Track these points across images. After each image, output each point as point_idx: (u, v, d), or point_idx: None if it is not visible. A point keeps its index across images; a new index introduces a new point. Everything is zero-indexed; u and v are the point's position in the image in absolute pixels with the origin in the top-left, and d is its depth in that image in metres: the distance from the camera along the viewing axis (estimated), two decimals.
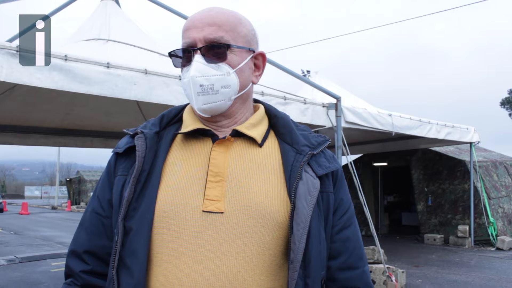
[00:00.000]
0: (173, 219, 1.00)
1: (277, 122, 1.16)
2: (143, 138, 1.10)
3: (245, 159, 1.08)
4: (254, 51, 1.14)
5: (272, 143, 1.13)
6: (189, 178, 1.05)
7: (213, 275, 0.96)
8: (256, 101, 1.24)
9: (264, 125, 1.16)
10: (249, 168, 1.06)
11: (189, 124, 1.12)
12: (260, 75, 1.18)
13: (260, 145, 1.11)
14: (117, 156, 1.15)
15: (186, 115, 1.16)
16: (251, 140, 1.10)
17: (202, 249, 0.98)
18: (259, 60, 1.17)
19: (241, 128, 1.10)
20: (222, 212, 1.00)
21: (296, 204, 1.01)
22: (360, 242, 1.15)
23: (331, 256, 1.10)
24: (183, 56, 1.11)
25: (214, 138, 1.10)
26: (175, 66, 1.15)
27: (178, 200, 1.02)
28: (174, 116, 1.18)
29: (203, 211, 1.00)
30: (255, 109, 1.20)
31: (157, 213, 1.02)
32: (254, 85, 1.20)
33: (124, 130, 1.17)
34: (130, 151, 1.11)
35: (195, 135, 1.12)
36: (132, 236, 1.02)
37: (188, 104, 1.18)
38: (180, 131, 1.13)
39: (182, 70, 1.12)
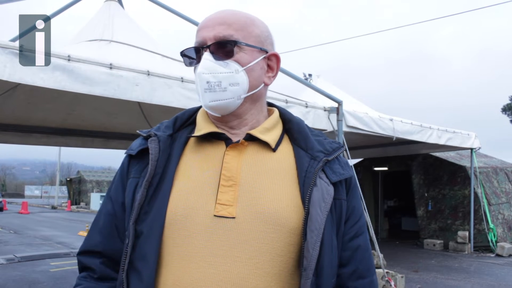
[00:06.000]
0: (184, 223, 0.99)
1: (291, 127, 1.15)
2: (156, 141, 1.09)
3: (258, 163, 1.06)
4: (266, 52, 1.12)
5: (286, 148, 1.12)
6: (201, 182, 1.04)
7: (222, 281, 0.95)
8: (270, 104, 1.23)
9: (278, 129, 1.14)
10: (262, 173, 1.05)
11: (202, 127, 1.11)
12: (274, 76, 1.16)
13: (274, 150, 1.09)
14: (130, 158, 1.14)
15: (200, 117, 1.15)
16: (264, 144, 1.09)
17: (213, 254, 0.97)
18: (273, 61, 1.15)
19: (255, 133, 1.08)
20: (233, 217, 0.99)
21: (310, 211, 1.00)
22: (370, 251, 1.14)
23: (341, 264, 1.08)
24: (196, 56, 1.11)
25: (228, 141, 1.08)
26: (187, 65, 1.14)
27: (190, 204, 1.01)
28: (187, 118, 1.17)
29: (214, 215, 0.99)
30: (270, 113, 1.19)
31: (168, 217, 1.01)
32: None
33: (138, 131, 1.16)
34: (142, 153, 1.10)
35: (209, 138, 1.10)
36: (143, 240, 1.02)
37: (201, 106, 1.17)
38: (193, 134, 1.11)
39: (194, 69, 1.11)
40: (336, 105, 5.96)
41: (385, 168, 13.22)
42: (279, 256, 0.99)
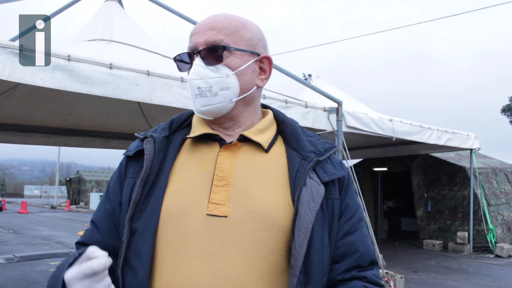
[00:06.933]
0: (178, 221, 1.02)
1: (285, 128, 1.17)
2: (152, 142, 1.12)
3: (250, 164, 1.09)
4: (258, 54, 1.14)
5: (279, 149, 1.14)
6: (195, 182, 1.07)
7: (215, 277, 0.97)
8: (265, 106, 1.25)
9: (272, 130, 1.17)
10: (254, 173, 1.07)
11: (197, 129, 1.14)
12: (267, 79, 1.18)
13: (267, 151, 1.12)
14: (128, 159, 1.17)
15: (195, 120, 1.18)
16: (258, 145, 1.11)
17: (205, 251, 0.99)
18: (265, 64, 1.17)
19: (248, 134, 1.11)
20: (225, 216, 1.01)
21: (298, 210, 1.01)
22: (367, 247, 1.12)
23: (335, 261, 1.08)
24: (189, 61, 1.13)
25: (222, 143, 1.11)
26: (180, 70, 1.17)
27: (183, 202, 1.04)
28: (184, 121, 1.20)
29: (207, 214, 1.02)
30: (264, 115, 1.21)
31: (162, 215, 1.03)
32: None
33: (135, 134, 1.19)
34: (140, 154, 1.12)
35: (203, 139, 1.13)
36: (137, 237, 1.04)
37: None
38: (188, 136, 1.14)
39: (188, 74, 1.14)
40: (335, 105, 5.96)
41: (385, 169, 13.23)
42: (270, 254, 1.01)
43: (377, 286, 1.08)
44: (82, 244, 1.16)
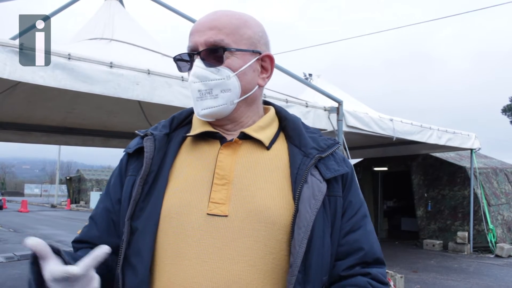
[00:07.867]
0: (178, 220, 1.01)
1: (287, 125, 1.15)
2: (152, 140, 1.10)
3: (251, 162, 1.07)
4: (260, 53, 1.12)
5: (281, 146, 1.12)
6: (195, 180, 1.05)
7: (216, 278, 0.96)
8: (267, 103, 1.23)
9: (274, 127, 1.15)
10: (255, 171, 1.05)
11: (197, 126, 1.13)
12: (268, 77, 1.16)
13: (268, 148, 1.10)
14: (128, 156, 1.15)
15: (195, 117, 1.16)
16: (259, 143, 1.09)
17: (206, 251, 0.98)
18: (267, 62, 1.15)
19: (249, 131, 1.09)
20: (226, 216, 1.00)
21: (299, 207, 1.00)
22: (371, 245, 1.09)
23: (338, 258, 1.06)
24: (189, 60, 1.11)
25: (222, 140, 1.09)
26: (180, 70, 1.15)
27: (183, 202, 1.02)
28: (184, 118, 1.19)
29: (207, 214, 1.00)
30: (265, 111, 1.19)
31: (163, 214, 1.02)
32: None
33: (136, 131, 1.18)
34: (140, 151, 1.11)
35: (204, 137, 1.12)
36: (138, 236, 1.03)
37: None
38: (188, 134, 1.13)
39: (188, 74, 1.12)
40: (336, 105, 5.96)
41: (385, 168, 13.22)
42: (271, 254, 1.00)
43: (381, 284, 1.06)
44: (79, 242, 1.15)
